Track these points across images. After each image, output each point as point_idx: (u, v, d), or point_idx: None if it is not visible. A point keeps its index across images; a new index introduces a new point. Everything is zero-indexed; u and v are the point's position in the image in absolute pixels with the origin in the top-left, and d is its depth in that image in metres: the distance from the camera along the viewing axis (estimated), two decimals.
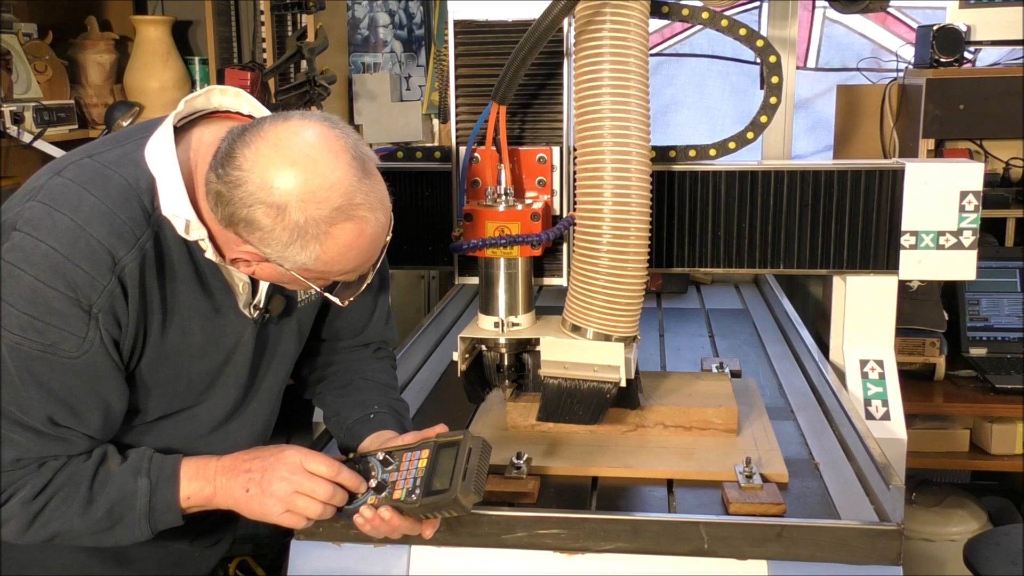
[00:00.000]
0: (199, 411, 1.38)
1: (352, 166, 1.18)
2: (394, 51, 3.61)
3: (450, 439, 1.30)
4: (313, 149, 1.16)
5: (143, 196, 1.23)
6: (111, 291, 1.19)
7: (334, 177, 1.16)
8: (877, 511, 1.39)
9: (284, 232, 1.16)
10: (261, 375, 1.45)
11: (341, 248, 1.19)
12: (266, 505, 1.27)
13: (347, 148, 1.18)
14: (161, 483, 1.28)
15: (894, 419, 1.91)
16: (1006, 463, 2.67)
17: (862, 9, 1.76)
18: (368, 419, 1.49)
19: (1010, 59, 2.99)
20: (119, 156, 1.26)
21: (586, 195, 1.51)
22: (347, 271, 1.25)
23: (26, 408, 1.20)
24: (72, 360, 1.20)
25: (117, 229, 1.20)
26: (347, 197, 1.17)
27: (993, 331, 2.85)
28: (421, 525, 1.30)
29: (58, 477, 1.24)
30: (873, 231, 1.89)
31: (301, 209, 1.15)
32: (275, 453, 1.29)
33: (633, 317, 1.54)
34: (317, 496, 1.26)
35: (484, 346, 1.64)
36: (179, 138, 1.28)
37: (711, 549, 1.32)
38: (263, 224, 1.16)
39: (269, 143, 1.16)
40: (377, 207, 1.21)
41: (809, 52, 3.51)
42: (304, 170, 1.15)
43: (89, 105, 3.34)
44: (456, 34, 1.65)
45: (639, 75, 1.49)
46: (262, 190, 1.15)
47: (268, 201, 1.15)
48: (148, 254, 1.23)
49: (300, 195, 1.15)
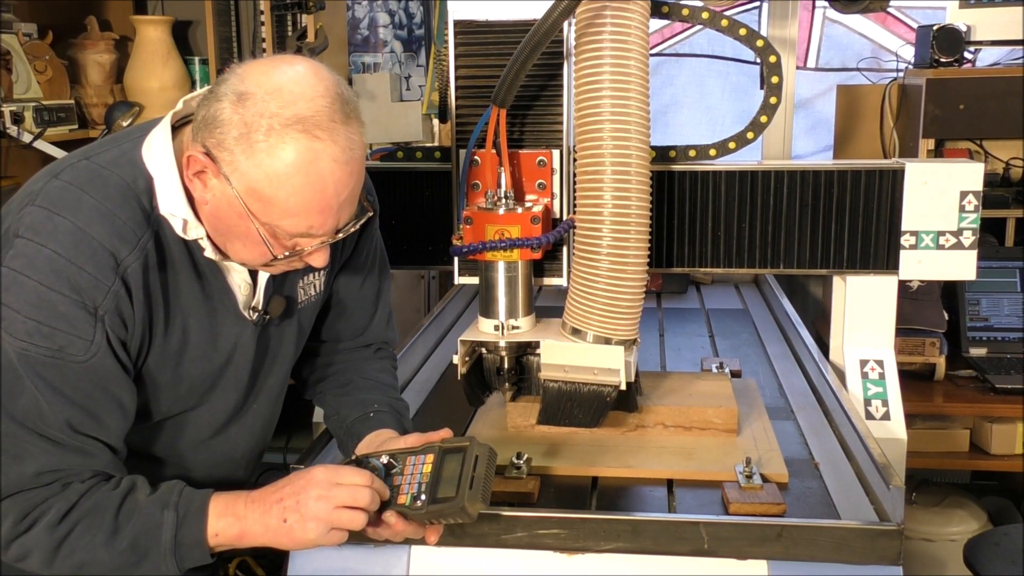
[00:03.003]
0: (200, 413, 1.38)
1: (331, 99, 1.18)
2: (394, 51, 3.61)
3: (456, 445, 1.29)
4: (297, 74, 1.18)
5: (142, 196, 1.23)
6: (116, 292, 1.19)
7: (310, 93, 1.16)
8: (877, 511, 1.39)
9: (240, 125, 1.16)
10: (262, 377, 1.44)
11: (288, 169, 1.15)
12: (308, 530, 1.21)
13: (333, 84, 1.19)
14: (188, 518, 1.22)
15: (894, 419, 1.92)
16: (1006, 463, 2.67)
17: (862, 9, 1.76)
18: (367, 418, 1.49)
19: (1010, 59, 3.00)
20: (116, 156, 1.26)
21: (586, 198, 1.51)
22: (297, 222, 1.20)
23: (44, 415, 1.18)
24: (81, 364, 1.19)
25: (118, 229, 1.20)
26: (314, 113, 1.16)
27: (993, 331, 2.85)
28: (425, 530, 1.29)
29: (84, 502, 1.20)
30: (873, 231, 1.89)
31: (263, 101, 1.15)
32: (302, 476, 1.24)
33: (633, 320, 1.54)
34: (360, 503, 1.21)
35: (484, 349, 1.64)
36: (176, 137, 1.29)
37: (711, 549, 1.32)
38: (222, 117, 1.17)
39: (258, 69, 1.19)
40: (341, 153, 1.18)
41: (809, 52, 3.51)
42: (282, 75, 1.17)
43: (89, 105, 3.34)
44: (456, 34, 1.65)
45: (639, 77, 1.49)
46: (238, 81, 1.17)
47: (237, 89, 1.17)
48: (150, 253, 1.23)
49: (268, 89, 1.15)
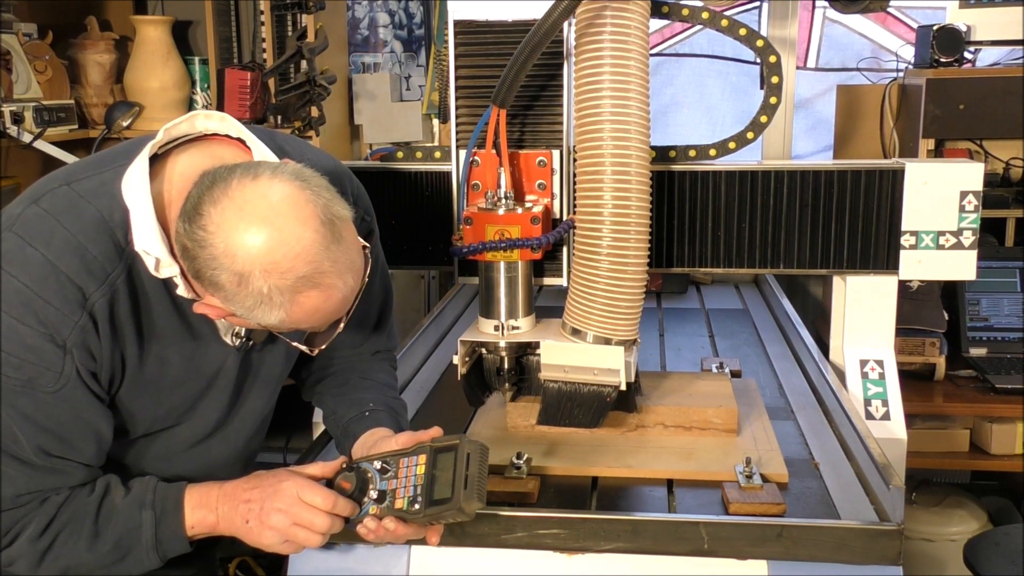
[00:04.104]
0: (179, 430, 1.38)
1: (320, 232, 1.14)
2: (394, 51, 3.61)
3: (446, 443, 1.29)
4: (279, 215, 1.13)
5: (117, 230, 1.22)
6: (83, 327, 1.19)
7: (300, 246, 1.13)
8: (877, 511, 1.39)
9: (248, 298, 1.14)
10: (244, 397, 1.44)
11: (308, 311, 1.18)
12: (265, 536, 1.27)
13: (316, 212, 1.15)
14: (166, 515, 1.28)
15: (894, 419, 1.92)
16: (1006, 463, 2.67)
17: (862, 9, 1.76)
18: (363, 417, 1.49)
19: (1010, 59, 3.00)
20: (96, 186, 1.24)
21: (586, 198, 1.51)
22: (317, 326, 1.24)
23: (16, 440, 1.21)
24: (52, 394, 1.20)
25: (87, 264, 1.19)
26: (313, 265, 1.14)
27: (993, 331, 2.85)
28: (426, 530, 1.30)
29: (62, 513, 1.25)
30: (873, 231, 1.89)
31: (264, 278, 1.13)
32: (273, 484, 1.28)
33: (633, 320, 1.54)
34: (315, 528, 1.25)
35: (484, 349, 1.64)
36: (158, 167, 1.26)
37: (711, 549, 1.32)
38: (227, 288, 1.15)
39: (235, 205, 1.13)
40: (345, 272, 1.18)
41: (809, 52, 3.51)
42: (269, 238, 1.12)
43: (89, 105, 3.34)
44: (456, 34, 1.65)
45: (639, 77, 1.49)
46: (226, 256, 1.13)
47: (231, 268, 1.13)
48: (119, 290, 1.21)
49: (264, 264, 1.12)
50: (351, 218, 1.21)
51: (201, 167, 1.23)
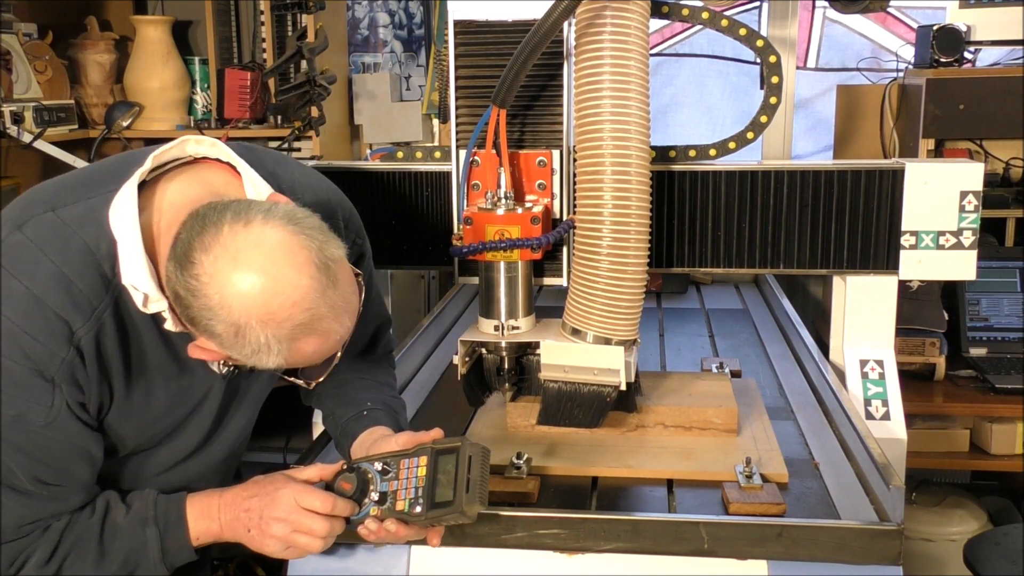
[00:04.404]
0: (159, 451, 1.37)
1: (315, 278, 1.13)
2: (394, 51, 3.61)
3: (448, 446, 1.29)
4: (274, 264, 1.11)
5: (103, 261, 1.19)
6: (70, 361, 1.18)
7: (296, 294, 1.11)
8: (877, 511, 1.39)
9: (245, 347, 1.13)
10: (227, 419, 1.44)
11: (306, 355, 1.18)
12: (267, 545, 1.27)
13: (310, 258, 1.13)
14: (169, 529, 1.28)
15: (894, 419, 1.91)
16: (1006, 463, 2.67)
17: (862, 9, 1.76)
18: (361, 416, 1.49)
19: (1010, 59, 2.99)
20: (83, 213, 1.22)
21: (586, 198, 1.51)
22: (313, 363, 1.23)
23: (12, 472, 1.21)
24: (43, 427, 1.19)
25: (73, 298, 1.18)
26: (310, 312, 1.13)
27: (993, 331, 2.85)
28: (427, 532, 1.30)
29: (66, 538, 1.25)
30: (873, 231, 1.89)
31: (261, 328, 1.11)
32: (271, 492, 1.28)
33: (633, 320, 1.54)
34: (316, 533, 1.25)
35: (484, 349, 1.64)
36: (147, 194, 1.23)
37: (711, 549, 1.32)
38: (223, 337, 1.13)
39: (228, 254, 1.11)
40: (342, 313, 1.17)
41: (809, 52, 3.51)
42: (264, 288, 1.10)
43: (89, 105, 3.35)
44: (456, 34, 1.65)
45: (639, 77, 1.49)
46: (221, 307, 1.11)
47: (227, 319, 1.11)
48: (106, 323, 1.20)
49: (260, 315, 1.11)
50: (345, 256, 1.19)
51: (191, 195, 1.22)
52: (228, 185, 1.27)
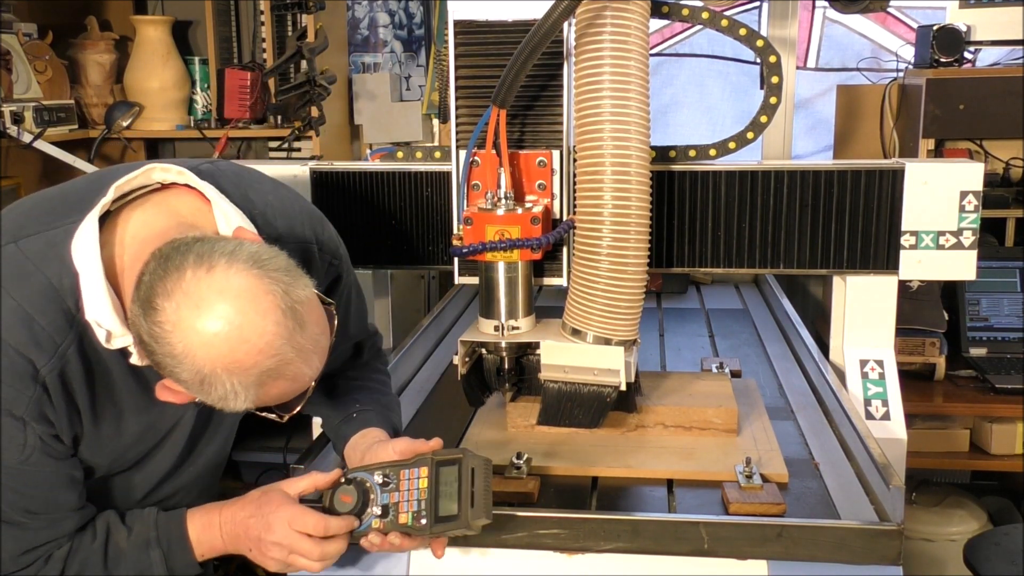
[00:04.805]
0: (131, 474, 1.37)
1: (281, 323, 1.10)
2: (394, 51, 3.61)
3: (448, 457, 1.29)
4: (238, 312, 1.08)
5: (67, 296, 1.17)
6: (37, 399, 1.17)
7: (262, 341, 1.09)
8: (877, 511, 1.39)
9: (212, 393, 1.12)
10: (201, 445, 1.43)
11: (276, 397, 1.17)
12: (268, 564, 1.29)
13: (276, 303, 1.10)
14: (173, 549, 1.29)
15: (894, 419, 1.92)
16: (1006, 463, 2.67)
17: (862, 9, 1.76)
18: (351, 418, 1.48)
19: (1010, 59, 2.99)
20: (44, 247, 1.19)
21: (586, 198, 1.51)
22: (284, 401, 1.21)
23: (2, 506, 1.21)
24: (20, 464, 1.20)
25: (36, 337, 1.16)
26: (277, 358, 1.11)
27: (993, 331, 2.85)
28: (431, 543, 1.30)
29: (70, 565, 1.26)
30: (873, 231, 1.89)
31: (228, 376, 1.10)
32: (267, 515, 1.27)
33: (633, 321, 1.54)
34: (311, 556, 1.25)
35: (484, 349, 1.64)
36: (110, 224, 1.21)
37: (711, 549, 1.32)
38: (189, 384, 1.12)
39: (191, 301, 1.08)
40: (311, 355, 1.15)
41: (809, 52, 3.51)
42: (229, 336, 1.08)
43: (89, 105, 3.35)
44: (456, 34, 1.65)
45: (639, 77, 1.49)
46: (185, 356, 1.09)
47: (192, 367, 1.09)
48: (70, 360, 1.18)
49: (226, 364, 1.09)
50: (314, 294, 1.17)
51: (157, 227, 1.20)
52: (197, 213, 1.24)
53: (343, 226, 1.98)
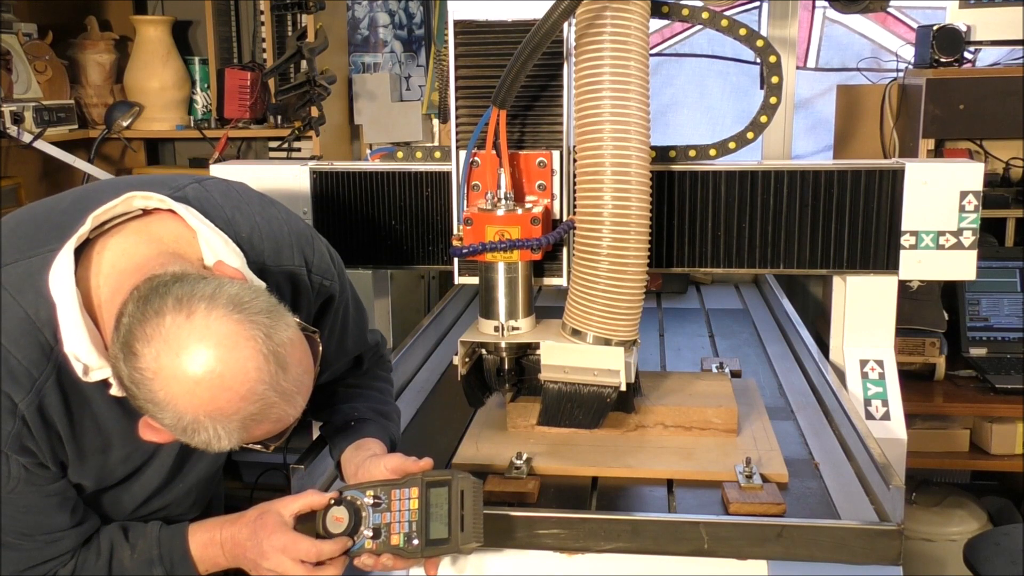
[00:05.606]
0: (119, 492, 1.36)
1: (263, 369, 1.08)
2: (394, 51, 3.61)
3: (438, 478, 1.29)
4: (219, 360, 1.06)
5: (44, 329, 1.15)
6: (16, 433, 1.16)
7: (244, 388, 1.07)
8: (877, 511, 1.39)
9: (195, 438, 1.10)
10: (192, 461, 1.40)
11: (259, 437, 1.15)
12: None
13: (257, 348, 1.08)
14: (175, 566, 1.30)
15: (894, 419, 1.92)
16: (1006, 463, 2.67)
17: (862, 9, 1.76)
18: (349, 428, 1.47)
19: (1010, 59, 2.99)
20: (21, 278, 1.17)
21: (586, 199, 1.51)
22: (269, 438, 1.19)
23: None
24: (8, 495, 1.20)
25: (12, 371, 1.14)
26: (260, 404, 1.09)
27: (993, 331, 2.85)
28: (424, 563, 1.30)
29: None
30: (873, 231, 1.89)
31: (211, 422, 1.08)
32: (261, 541, 1.27)
33: (633, 321, 1.54)
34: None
35: (484, 350, 1.64)
36: (88, 252, 1.18)
37: (711, 549, 1.33)
38: (172, 428, 1.10)
39: (171, 349, 1.06)
40: (295, 396, 1.13)
41: (809, 52, 3.51)
42: (211, 385, 1.06)
43: (89, 105, 3.35)
44: (456, 34, 1.65)
45: (639, 78, 1.49)
46: (167, 403, 1.07)
47: (175, 413, 1.08)
48: (48, 394, 1.17)
49: (208, 411, 1.07)
50: (298, 334, 1.14)
51: (137, 257, 1.18)
52: (179, 240, 1.22)
53: (343, 226, 2.00)
